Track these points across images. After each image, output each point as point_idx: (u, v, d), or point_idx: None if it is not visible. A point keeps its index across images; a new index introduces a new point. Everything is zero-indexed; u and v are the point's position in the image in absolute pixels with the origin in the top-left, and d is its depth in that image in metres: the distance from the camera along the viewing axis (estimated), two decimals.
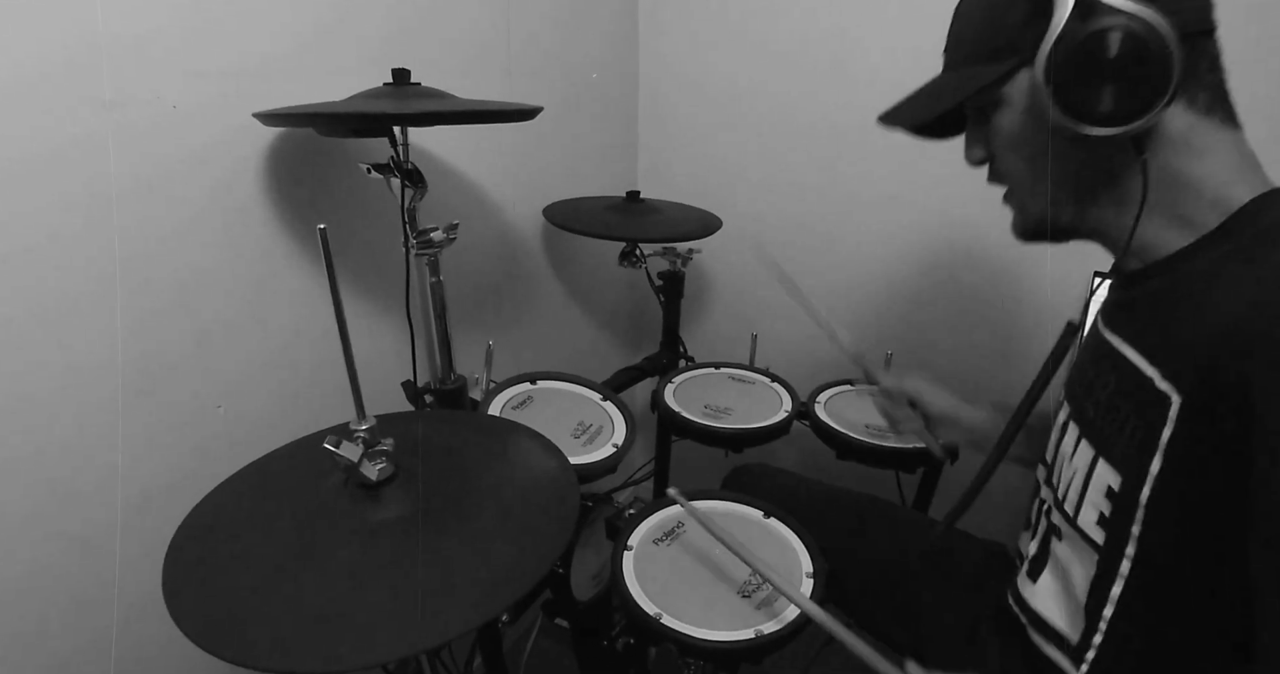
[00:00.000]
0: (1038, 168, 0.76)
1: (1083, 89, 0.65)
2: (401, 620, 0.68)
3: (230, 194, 1.05)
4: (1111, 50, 0.63)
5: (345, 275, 1.22)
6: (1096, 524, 0.74)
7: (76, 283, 0.91)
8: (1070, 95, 0.66)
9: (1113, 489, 0.72)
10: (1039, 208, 0.80)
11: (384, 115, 0.98)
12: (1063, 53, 0.65)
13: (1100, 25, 0.62)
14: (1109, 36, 0.62)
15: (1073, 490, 0.78)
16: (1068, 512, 0.79)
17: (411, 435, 0.91)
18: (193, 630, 0.66)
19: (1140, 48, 0.62)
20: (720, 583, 1.00)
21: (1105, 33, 0.62)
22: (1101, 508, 0.73)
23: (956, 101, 0.77)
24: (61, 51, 0.84)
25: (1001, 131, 0.78)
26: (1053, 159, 0.74)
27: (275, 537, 0.80)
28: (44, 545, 0.94)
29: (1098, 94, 0.65)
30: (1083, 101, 0.65)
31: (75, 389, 0.93)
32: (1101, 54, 0.63)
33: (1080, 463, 0.77)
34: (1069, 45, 0.64)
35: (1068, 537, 0.80)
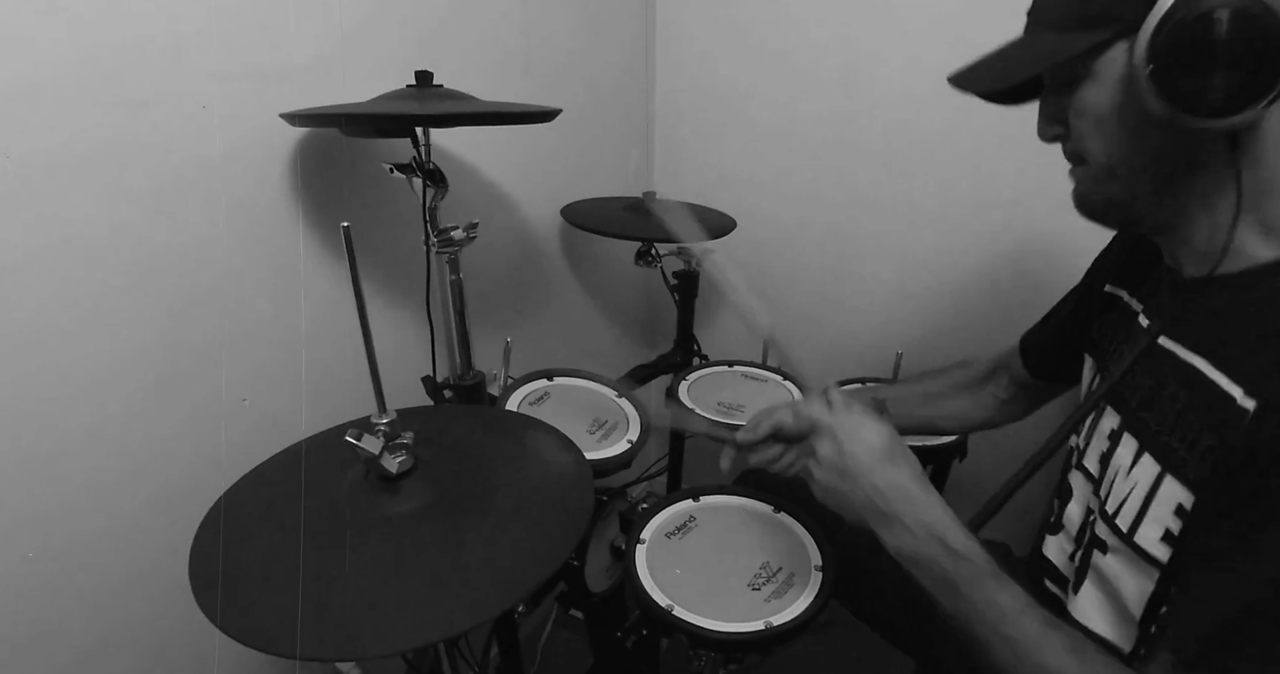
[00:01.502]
0: (1119, 151, 0.70)
1: (1187, 74, 0.59)
2: (420, 610, 0.69)
3: (257, 192, 1.07)
4: (1224, 34, 0.56)
5: (368, 272, 1.23)
6: (1161, 541, 0.69)
7: (108, 280, 0.92)
8: (1173, 79, 0.59)
9: (1184, 507, 0.66)
10: (1113, 192, 0.73)
11: (407, 116, 0.99)
12: (1170, 31, 0.58)
13: (1214, 3, 0.56)
14: (1223, 18, 0.56)
15: (1130, 505, 0.73)
16: (1120, 526, 0.74)
17: (430, 429, 0.91)
18: (218, 618, 0.67)
19: (1256, 34, 0.56)
20: (731, 576, 1.00)
21: (1219, 13, 0.56)
22: (1169, 525, 0.68)
23: (1041, 69, 0.71)
24: (94, 52, 0.85)
25: (1086, 108, 0.69)
26: (1141, 143, 0.68)
27: (299, 527, 0.80)
28: (75, 535, 0.96)
29: (1203, 81, 0.58)
30: (1185, 88, 0.59)
31: (107, 383, 0.95)
32: (1212, 37, 0.57)
33: (1141, 477, 0.72)
34: (1177, 23, 0.58)
35: (1117, 551, 0.76)
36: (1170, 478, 0.69)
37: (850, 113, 1.70)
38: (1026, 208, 1.55)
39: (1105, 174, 0.72)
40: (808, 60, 1.72)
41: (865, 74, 1.66)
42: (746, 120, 1.87)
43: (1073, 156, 0.75)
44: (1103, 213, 0.76)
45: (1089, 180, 0.75)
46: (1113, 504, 0.76)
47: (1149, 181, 0.70)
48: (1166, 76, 0.59)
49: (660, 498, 1.17)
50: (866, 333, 1.86)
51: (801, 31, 1.71)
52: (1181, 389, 0.69)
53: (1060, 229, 1.49)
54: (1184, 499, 0.67)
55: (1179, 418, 0.69)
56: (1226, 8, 0.56)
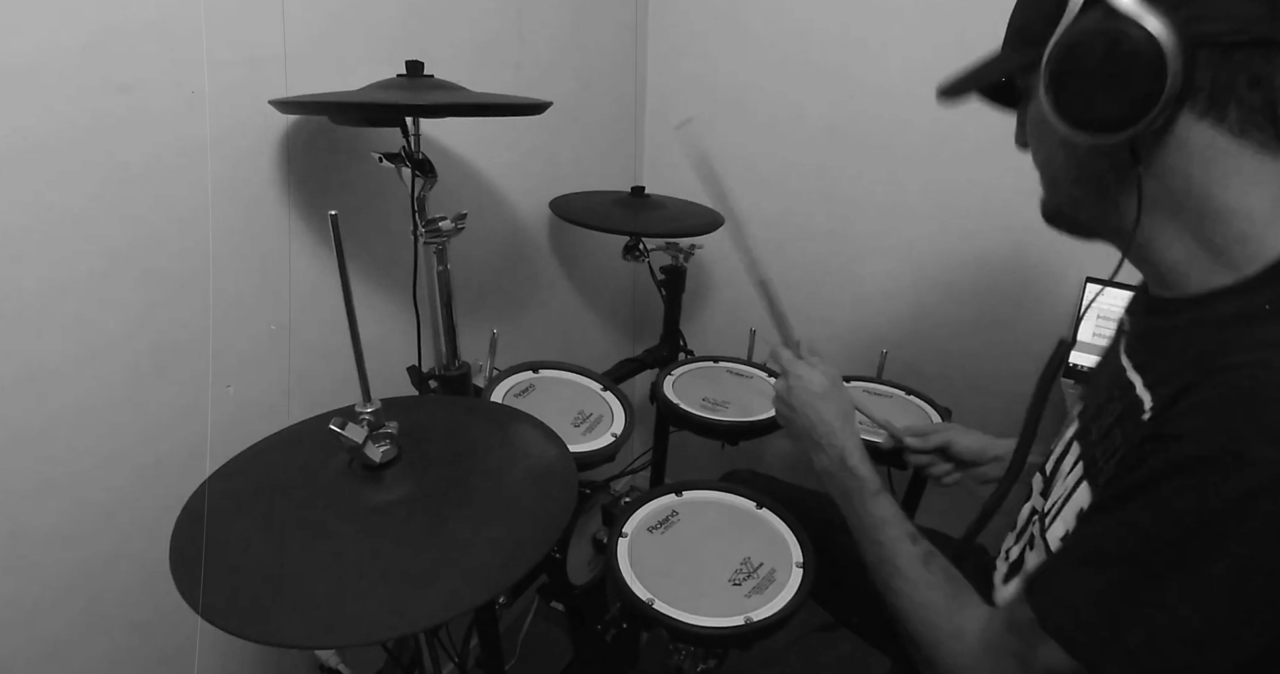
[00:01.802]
0: (1052, 162, 0.74)
1: (1070, 91, 0.63)
2: (401, 599, 0.69)
3: (245, 179, 1.06)
4: (1098, 54, 0.60)
5: (355, 261, 1.21)
6: (1060, 540, 0.72)
7: (91, 263, 0.92)
8: (1060, 95, 0.63)
9: (1083, 509, 0.69)
10: (1058, 201, 0.77)
11: (397, 106, 0.99)
12: (1058, 52, 0.62)
13: (1094, 27, 0.60)
14: (1099, 39, 0.59)
15: (1056, 505, 0.77)
16: (1045, 524, 0.78)
17: (414, 419, 0.91)
18: (197, 603, 0.67)
19: (1128, 54, 0.58)
20: (712, 571, 1.01)
21: (1097, 35, 0.60)
22: (1069, 526, 0.71)
23: (988, 81, 0.76)
24: (81, 35, 0.85)
25: (1029, 121, 0.75)
26: (1066, 155, 0.71)
27: (281, 515, 0.81)
28: (56, 518, 0.96)
29: (1084, 97, 0.62)
30: (1070, 103, 0.63)
31: (89, 366, 0.94)
32: (1090, 57, 0.60)
33: (1070, 481, 0.76)
34: (1065, 44, 0.62)
35: (1036, 549, 0.80)
36: (1084, 484, 0.72)
37: (844, 108, 1.71)
38: (1017, 208, 1.50)
39: (1047, 183, 0.77)
40: (802, 54, 1.73)
41: (860, 69, 1.66)
42: (738, 114, 1.87)
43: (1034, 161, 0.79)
44: (1056, 221, 0.80)
45: (1043, 190, 0.79)
46: (1048, 505, 0.80)
47: (1080, 192, 0.73)
48: (1058, 94, 0.64)
49: (643, 492, 1.18)
50: (853, 330, 1.88)
51: (796, 25, 1.71)
52: (1118, 404, 0.71)
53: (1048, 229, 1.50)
54: (1084, 502, 0.70)
55: (1108, 431, 0.71)
56: (1102, 30, 0.59)
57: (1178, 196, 0.65)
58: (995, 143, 1.47)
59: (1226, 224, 0.64)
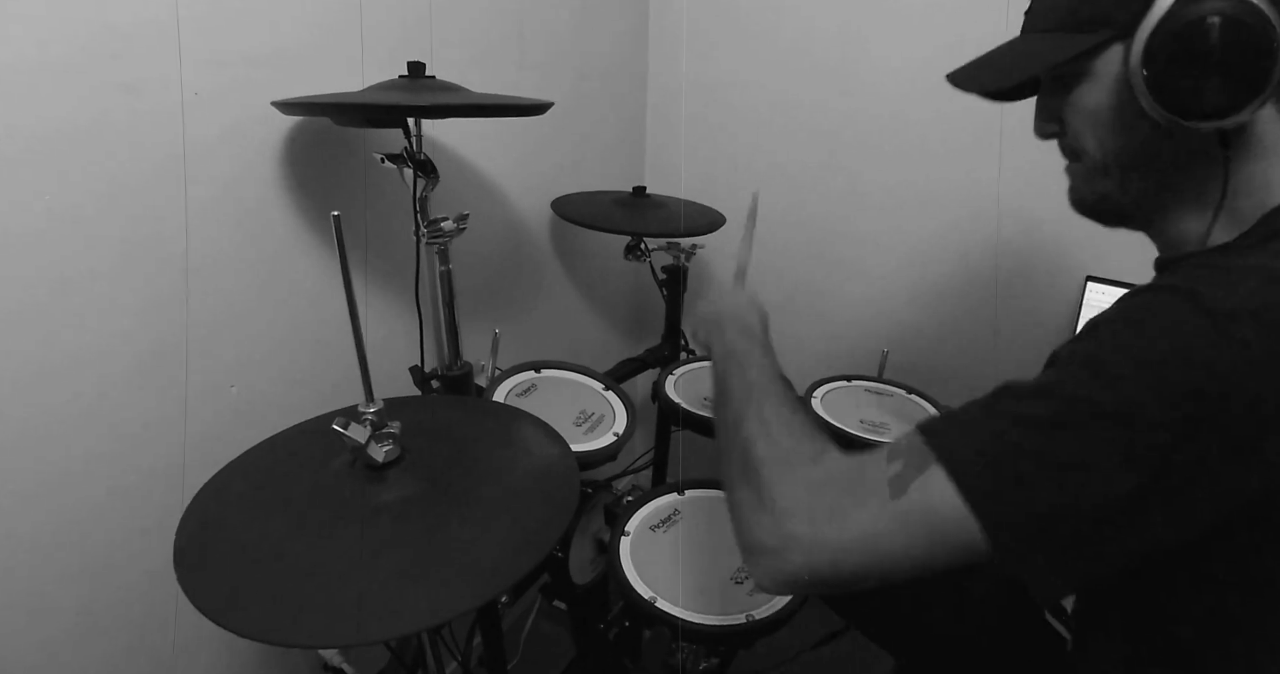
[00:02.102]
0: (1114, 149, 0.71)
1: (1181, 78, 0.60)
2: (404, 599, 0.69)
3: (248, 180, 1.06)
4: (1218, 38, 0.57)
5: (357, 262, 1.24)
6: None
7: (93, 263, 0.92)
8: (1166, 83, 0.61)
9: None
10: (1106, 188, 0.74)
11: (399, 106, 0.99)
12: (1165, 35, 0.60)
13: (1208, 9, 0.57)
14: (1217, 23, 0.57)
15: None
16: None
17: (417, 419, 0.91)
18: (202, 603, 0.67)
19: (1248, 38, 0.57)
20: (714, 569, 1.01)
21: (1213, 18, 0.57)
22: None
23: (1040, 69, 0.73)
24: (84, 36, 0.85)
25: (1082, 107, 0.71)
26: (1136, 142, 0.69)
27: (283, 515, 0.81)
28: (58, 519, 0.96)
29: (1197, 85, 0.59)
30: (1179, 91, 0.61)
31: (91, 366, 0.94)
32: (1206, 41, 0.58)
33: None
34: (1172, 28, 0.59)
35: None
36: None
37: (846, 107, 1.71)
38: (1018, 205, 1.55)
39: (1100, 171, 0.73)
40: (803, 52, 1.73)
41: (862, 67, 1.66)
42: (740, 114, 1.87)
43: (1069, 153, 0.77)
44: (1095, 209, 0.77)
45: (1083, 176, 0.76)
46: None
47: (1140, 179, 0.71)
48: (1161, 80, 0.61)
49: (645, 491, 1.18)
50: (855, 328, 1.87)
51: (798, 24, 1.71)
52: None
53: (1053, 226, 1.50)
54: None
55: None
56: (1219, 14, 0.57)
57: (1235, 178, 0.66)
58: (995, 139, 1.50)
59: (1257, 198, 0.65)
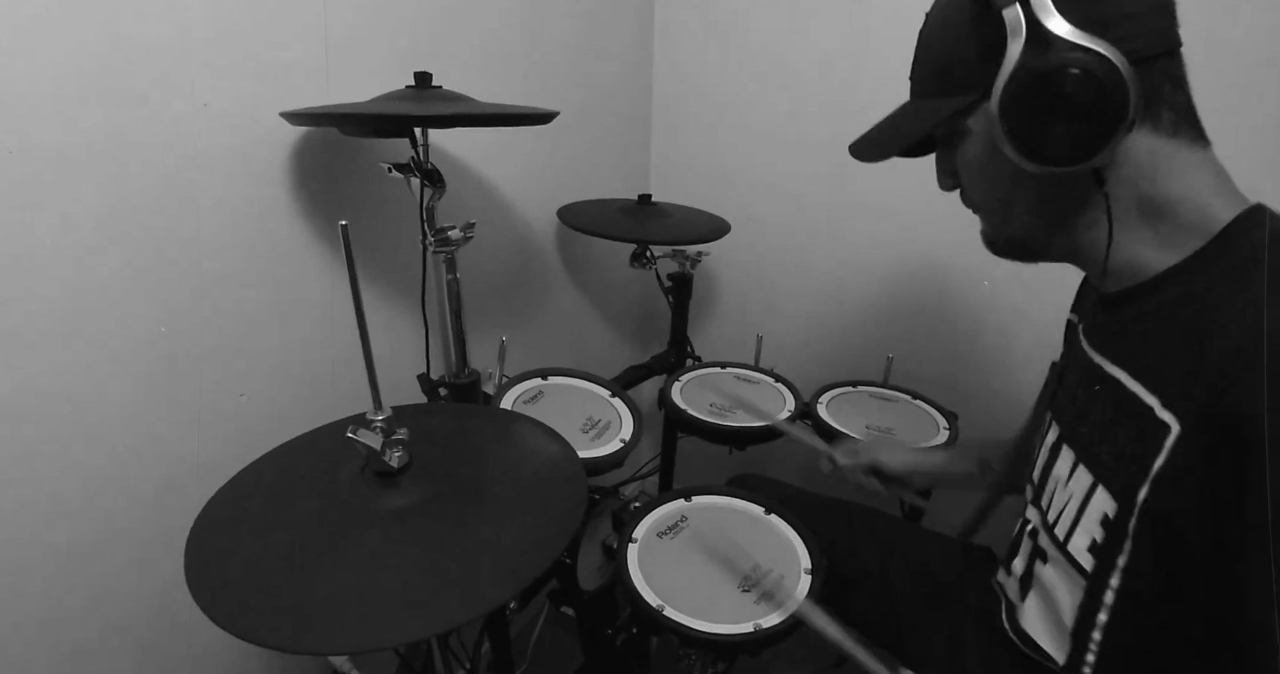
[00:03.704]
0: (1004, 198, 0.75)
1: (1036, 127, 0.63)
2: (412, 605, 0.69)
3: (257, 190, 1.07)
4: (1064, 88, 0.60)
5: (365, 271, 1.24)
6: (1087, 551, 0.72)
7: (104, 275, 0.93)
8: (1024, 133, 0.63)
9: (1107, 516, 0.69)
10: (1009, 232, 0.78)
11: (406, 116, 1.00)
12: (1014, 91, 0.62)
13: (1051, 62, 0.60)
14: (1061, 74, 0.60)
15: (1066, 515, 0.76)
16: (1058, 536, 0.77)
17: (425, 426, 0.91)
18: (213, 610, 0.67)
19: (1093, 83, 0.59)
20: (721, 577, 1.01)
21: (1057, 70, 0.60)
22: (1095, 535, 0.71)
23: (917, 136, 0.76)
24: (96, 49, 0.86)
25: (966, 162, 0.76)
26: (1019, 188, 0.72)
27: (293, 522, 0.81)
28: (71, 530, 0.97)
29: (1052, 132, 0.62)
30: (1037, 139, 0.63)
31: (104, 377, 0.95)
32: (1054, 92, 0.61)
33: (1076, 488, 0.75)
34: (1020, 83, 0.62)
35: (1054, 561, 0.78)
36: (1101, 489, 0.71)
37: (850, 115, 1.67)
38: None
39: (997, 217, 0.78)
40: (806, 60, 1.73)
41: (865, 74, 1.66)
42: (744, 122, 1.88)
43: (969, 204, 0.81)
44: (1006, 250, 0.81)
45: (987, 224, 0.81)
46: (1053, 514, 0.79)
47: (1037, 220, 0.75)
48: (1017, 132, 0.64)
49: (652, 498, 1.18)
50: (859, 336, 1.87)
51: (800, 32, 1.72)
52: (1109, 401, 0.72)
53: None
54: (1109, 509, 0.69)
55: (1106, 429, 0.72)
56: (1062, 65, 0.60)
57: (1128, 203, 0.68)
58: None
59: (1175, 214, 0.67)
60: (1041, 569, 0.82)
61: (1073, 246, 0.75)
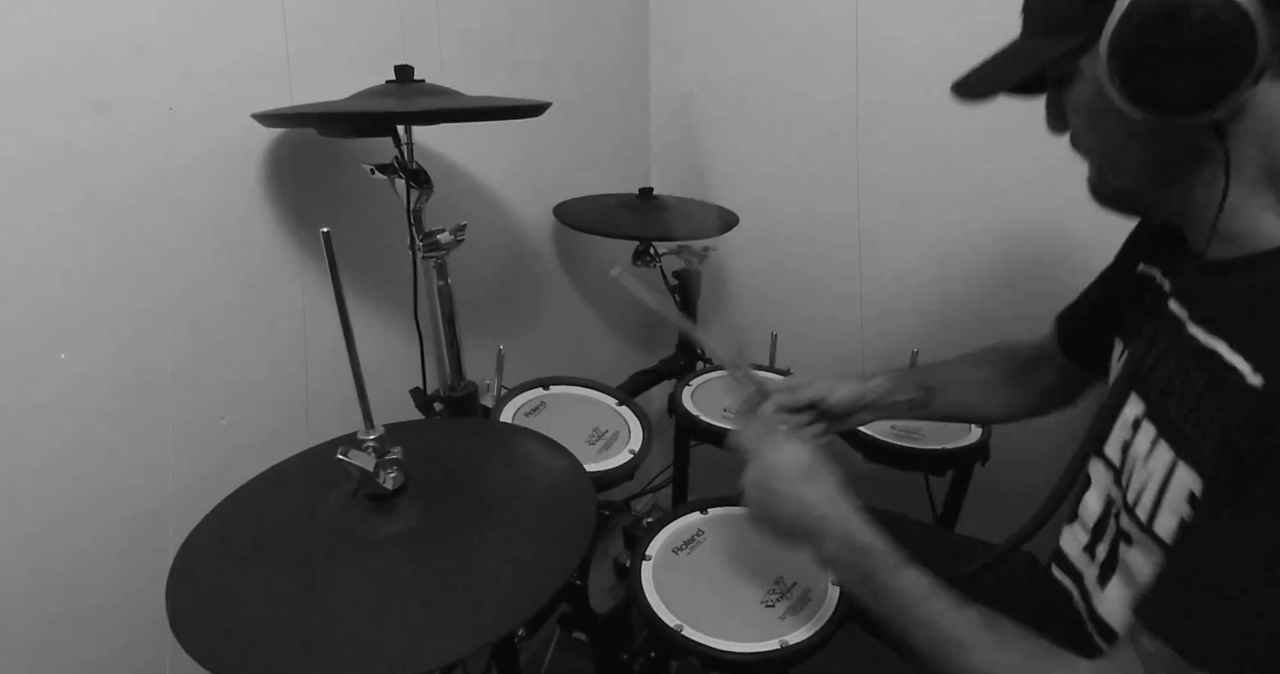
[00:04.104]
0: (1114, 147, 0.72)
1: (1148, 73, 0.60)
2: (414, 636, 0.68)
3: (230, 198, 1.06)
4: (1182, 29, 0.57)
5: (350, 280, 1.21)
6: (1176, 530, 0.69)
7: (72, 290, 0.91)
8: (1135, 80, 0.61)
9: (1194, 494, 0.66)
10: (1119, 184, 0.76)
11: (387, 114, 0.98)
12: (1126, 32, 0.59)
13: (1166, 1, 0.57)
14: (1179, 13, 0.56)
15: (1147, 494, 0.73)
16: (1140, 516, 0.74)
17: (421, 444, 0.91)
18: (198, 651, 0.65)
19: (1216, 23, 0.56)
20: (743, 593, 0.98)
21: (1175, 8, 0.57)
22: (1183, 514, 0.68)
23: (1024, 75, 0.73)
24: (54, 52, 0.84)
25: (1076, 106, 0.73)
26: (1132, 138, 0.69)
27: (283, 552, 0.80)
28: (44, 562, 0.94)
29: (1165, 79, 0.59)
30: (1149, 86, 0.60)
31: (73, 400, 0.94)
32: (1170, 33, 0.57)
33: (1157, 465, 0.72)
34: (1133, 23, 0.59)
35: (1140, 543, 0.75)
36: (1183, 464, 0.69)
37: (859, 99, 1.69)
38: (1044, 196, 1.52)
39: (1106, 167, 0.75)
40: (811, 43, 1.70)
41: (873, 56, 1.64)
42: (748, 109, 1.85)
43: (1077, 149, 0.78)
44: (1112, 203, 0.79)
45: (1095, 173, 0.78)
46: (1133, 494, 0.77)
47: (1150, 175, 0.72)
48: (1126, 77, 0.61)
49: (666, 511, 1.16)
50: (879, 329, 1.86)
51: (806, 13, 1.69)
52: (1201, 374, 0.69)
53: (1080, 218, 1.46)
54: (1195, 486, 0.67)
55: (1196, 403, 0.69)
56: (1180, 4, 0.56)
57: (1253, 160, 0.65)
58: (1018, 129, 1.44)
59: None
60: (1127, 552, 0.79)
61: (1186, 206, 0.72)
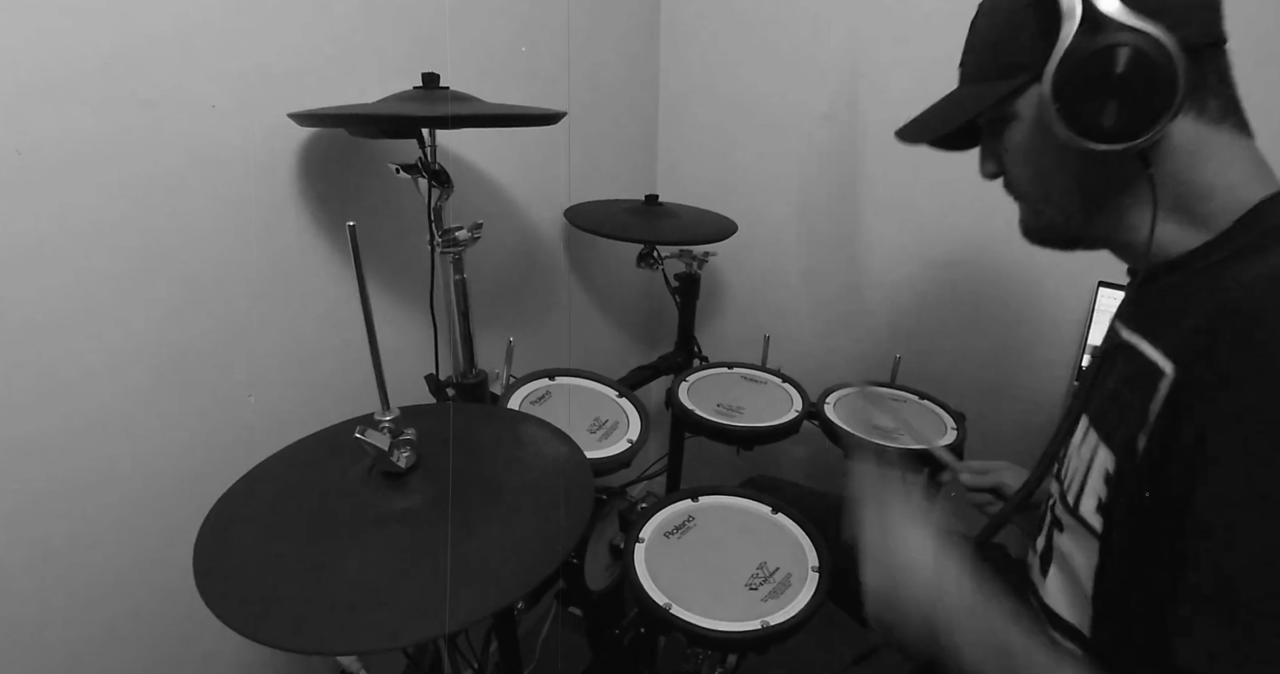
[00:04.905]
0: (1047, 181, 0.77)
1: (1088, 105, 0.65)
2: (421, 606, 0.70)
3: (263, 191, 1.08)
4: (1117, 67, 0.62)
5: (372, 271, 1.24)
6: (1095, 511, 0.72)
7: (113, 274, 0.94)
8: (1076, 111, 0.66)
9: (1109, 473, 0.70)
10: (1048, 218, 0.80)
11: (414, 117, 1.00)
12: (1068, 69, 0.65)
13: (1106, 42, 0.62)
14: (1114, 53, 0.62)
15: (1074, 479, 0.77)
16: (1069, 501, 0.77)
17: (432, 426, 0.92)
18: (222, 611, 0.67)
19: (1146, 64, 0.62)
20: (728, 575, 1.01)
21: (1111, 49, 0.62)
22: (1100, 493, 0.72)
23: (967, 118, 0.77)
24: (103, 50, 0.87)
25: (1012, 147, 0.78)
26: (1062, 171, 0.75)
27: (302, 522, 0.82)
28: (77, 528, 0.97)
29: (1103, 110, 0.65)
30: (1088, 117, 0.66)
31: (110, 376, 0.95)
32: (1107, 71, 0.63)
33: (1085, 451, 0.76)
34: (1074, 62, 0.64)
35: (1069, 528, 0.78)
36: (1103, 446, 0.73)
37: (857, 113, 1.71)
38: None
39: (1040, 203, 0.80)
40: (814, 57, 1.73)
41: (873, 74, 1.66)
42: (752, 121, 1.88)
43: (1011, 191, 0.84)
44: (1044, 237, 0.84)
45: (1027, 211, 0.83)
46: (1067, 482, 0.80)
47: (1078, 204, 0.77)
48: (1070, 110, 0.66)
49: (659, 498, 1.18)
50: (867, 336, 1.87)
51: (809, 32, 1.72)
52: (1121, 365, 0.74)
53: None
54: (1109, 465, 0.71)
55: (1116, 392, 0.73)
56: (1115, 44, 0.62)
57: (1168, 186, 0.70)
58: None
59: (1209, 200, 0.70)
60: (1059, 538, 0.82)
61: (1110, 230, 0.77)
